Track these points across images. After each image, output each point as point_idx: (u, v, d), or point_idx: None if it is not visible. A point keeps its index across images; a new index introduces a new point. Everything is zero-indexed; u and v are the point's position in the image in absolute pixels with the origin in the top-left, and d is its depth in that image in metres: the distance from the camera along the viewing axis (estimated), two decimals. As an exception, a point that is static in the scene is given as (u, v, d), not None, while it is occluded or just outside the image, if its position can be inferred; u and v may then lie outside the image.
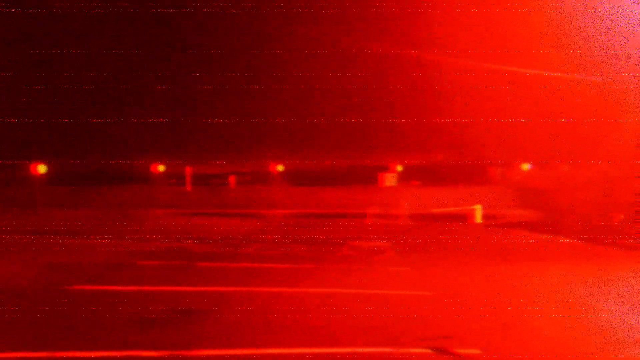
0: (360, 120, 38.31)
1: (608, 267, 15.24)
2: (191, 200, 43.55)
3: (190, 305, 10.15)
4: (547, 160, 39.44)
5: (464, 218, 31.95)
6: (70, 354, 7.56)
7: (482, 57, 28.51)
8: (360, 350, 7.78)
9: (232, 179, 51.46)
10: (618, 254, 17.71)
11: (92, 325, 8.89)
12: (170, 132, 40.60)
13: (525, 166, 44.45)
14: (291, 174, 48.77)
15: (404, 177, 48.74)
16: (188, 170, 47.62)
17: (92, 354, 7.56)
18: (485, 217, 31.69)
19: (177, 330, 8.65)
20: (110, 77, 35.38)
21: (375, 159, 46.53)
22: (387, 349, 7.80)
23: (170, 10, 32.83)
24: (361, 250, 18.69)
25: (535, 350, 7.85)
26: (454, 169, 46.44)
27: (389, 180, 46.95)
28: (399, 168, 47.54)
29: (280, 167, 47.24)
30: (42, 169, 37.15)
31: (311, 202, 41.17)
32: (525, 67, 27.64)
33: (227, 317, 9.45)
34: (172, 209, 38.56)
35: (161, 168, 47.12)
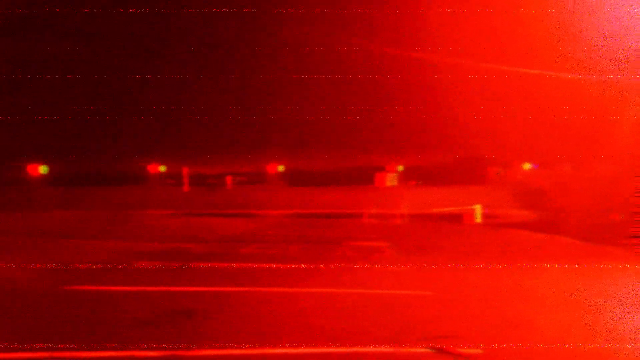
0: (358, 121, 38.31)
1: (608, 266, 15.23)
2: (188, 200, 43.59)
3: (188, 306, 10.13)
4: (547, 160, 39.48)
5: (463, 218, 32.01)
6: (69, 354, 7.52)
7: (481, 57, 28.53)
8: (361, 349, 7.75)
9: (229, 180, 51.55)
10: (618, 254, 17.70)
11: (91, 326, 8.85)
12: (168, 133, 40.58)
13: (526, 166, 44.52)
14: (288, 174, 48.87)
15: (403, 177, 48.88)
16: (185, 171, 47.66)
17: (91, 354, 7.54)
18: (485, 216, 31.75)
19: (176, 330, 8.63)
20: (108, 79, 35.38)
21: (372, 160, 46.64)
22: (389, 349, 7.76)
23: (167, 11, 32.82)
24: (359, 250, 18.73)
25: (538, 349, 7.82)
26: (453, 169, 46.54)
27: (388, 180, 47.03)
28: (400, 168, 47.66)
29: (277, 168, 47.34)
30: (39, 170, 37.16)
31: (308, 202, 41.26)
32: (525, 66, 27.67)
33: (225, 317, 9.44)
34: (170, 210, 38.57)
35: (158, 169, 47.18)
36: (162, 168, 48.33)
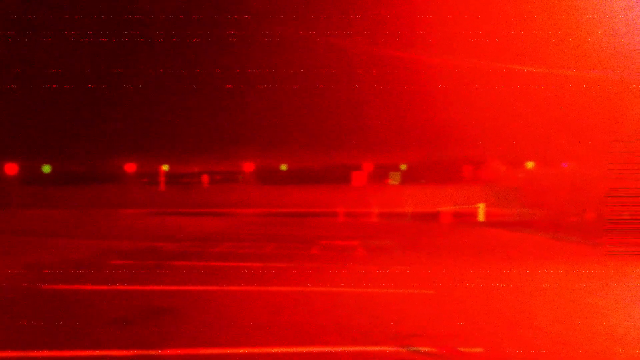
0: (338, 119, 38.35)
1: (606, 266, 15.37)
2: (164, 199, 43.52)
3: (163, 305, 10.27)
4: (541, 160, 39.60)
5: (438, 217, 32.40)
6: (44, 353, 7.64)
7: (475, 55, 28.60)
8: (358, 349, 7.86)
9: (204, 178, 51.49)
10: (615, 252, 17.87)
11: (66, 325, 8.94)
12: (144, 132, 40.45)
13: (524, 165, 44.63)
14: (263, 173, 48.91)
15: (404, 176, 49.11)
16: (161, 170, 47.53)
17: (66, 353, 7.64)
18: (458, 215, 32.13)
19: (150, 330, 8.73)
20: (84, 78, 35.20)
21: (351, 158, 46.77)
22: (390, 348, 7.86)
23: (139, 11, 32.69)
24: (332, 249, 18.93)
25: (538, 348, 7.94)
26: (441, 168, 46.77)
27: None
28: (403, 167, 47.87)
29: (252, 167, 47.38)
30: (14, 169, 36.89)
31: (283, 201, 41.40)
32: (513, 64, 27.78)
33: (199, 316, 9.56)
34: (146, 208, 38.52)
35: (134, 168, 46.98)
36: (138, 167, 48.10)
